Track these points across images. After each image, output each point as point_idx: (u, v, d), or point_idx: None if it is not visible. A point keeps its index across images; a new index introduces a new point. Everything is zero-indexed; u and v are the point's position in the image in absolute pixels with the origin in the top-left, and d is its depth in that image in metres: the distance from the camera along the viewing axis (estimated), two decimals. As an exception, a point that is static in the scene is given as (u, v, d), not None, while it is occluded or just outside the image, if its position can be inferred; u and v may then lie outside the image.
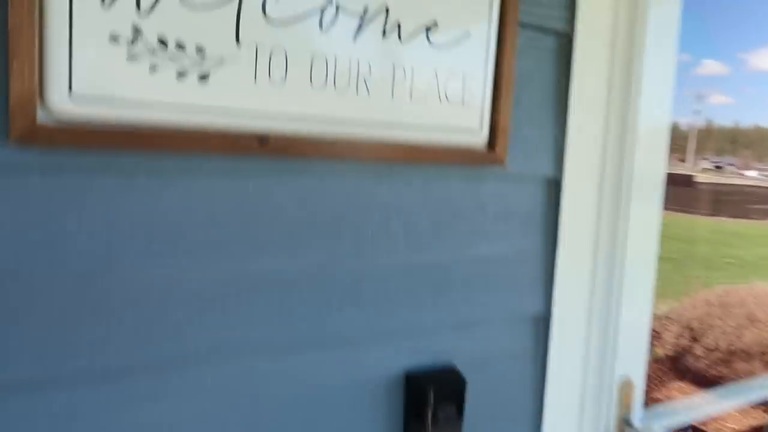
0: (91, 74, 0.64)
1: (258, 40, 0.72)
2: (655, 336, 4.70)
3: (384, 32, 0.80)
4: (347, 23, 0.77)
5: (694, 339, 4.60)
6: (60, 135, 0.64)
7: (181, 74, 0.68)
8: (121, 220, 0.70)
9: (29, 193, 0.65)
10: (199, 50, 0.69)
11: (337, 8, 0.76)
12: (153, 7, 0.66)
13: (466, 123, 0.89)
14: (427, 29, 0.83)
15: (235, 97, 0.72)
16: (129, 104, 0.66)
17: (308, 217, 0.82)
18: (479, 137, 0.91)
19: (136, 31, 0.65)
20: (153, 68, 0.67)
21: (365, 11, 0.78)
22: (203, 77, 0.70)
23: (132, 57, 0.66)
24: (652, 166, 1.10)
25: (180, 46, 0.68)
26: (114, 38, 0.64)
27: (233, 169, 0.75)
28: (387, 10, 0.80)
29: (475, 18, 0.87)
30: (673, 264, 8.54)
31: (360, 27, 0.78)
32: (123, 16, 0.65)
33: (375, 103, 0.81)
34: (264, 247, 0.79)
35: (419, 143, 0.86)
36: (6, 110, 0.61)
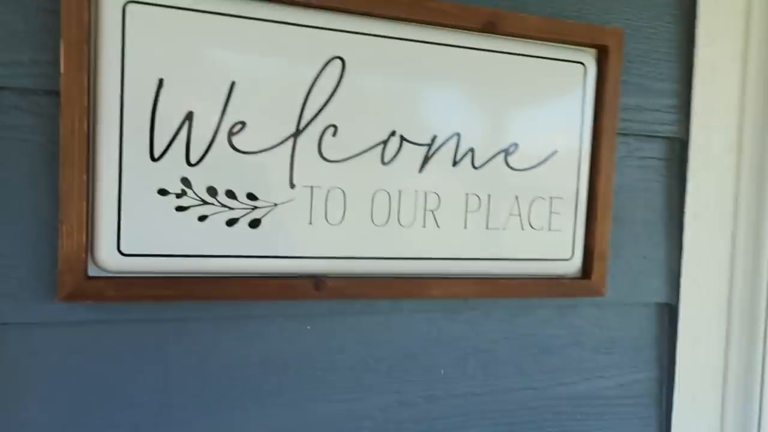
0: (139, 229, 0.62)
1: (314, 181, 0.68)
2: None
3: (455, 160, 0.73)
4: (412, 154, 0.71)
5: None
6: (109, 290, 0.62)
7: (230, 222, 0.65)
8: (173, 369, 0.67)
9: (79, 347, 0.64)
10: (251, 197, 0.65)
11: (402, 140, 0.70)
12: (203, 157, 0.64)
13: (554, 251, 0.79)
14: (506, 152, 0.75)
15: (289, 242, 0.68)
16: (177, 255, 0.64)
17: (372, 358, 0.75)
18: (571, 266, 0.80)
19: (185, 183, 0.63)
20: (202, 218, 0.64)
21: (433, 140, 0.72)
22: (254, 223, 0.66)
23: (180, 208, 0.63)
24: (794, 286, 0.92)
25: (230, 195, 0.65)
26: (162, 192, 0.63)
27: (288, 312, 0.71)
28: (458, 137, 0.73)
29: (563, 134, 0.78)
30: None
31: (427, 157, 0.72)
32: (172, 169, 0.63)
33: (445, 237, 0.73)
34: (323, 392, 0.73)
35: (499, 276, 0.77)
36: (55, 270, 0.61)
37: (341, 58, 0.68)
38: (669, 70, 0.85)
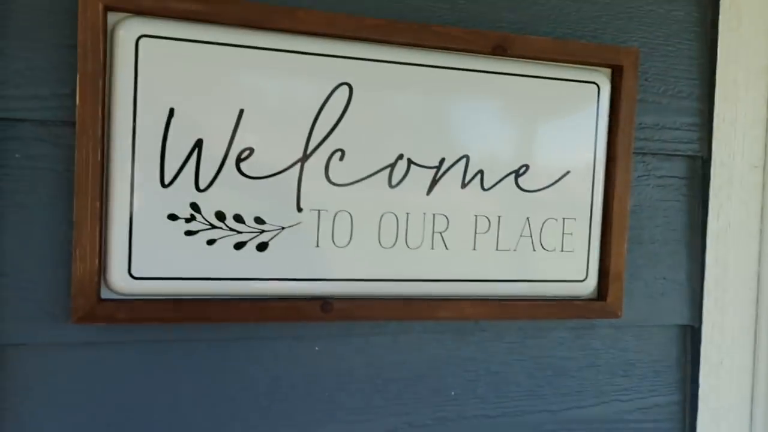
0: (150, 253, 0.65)
1: (321, 205, 0.69)
2: None
3: (464, 182, 0.73)
4: (420, 176, 0.72)
5: None
6: (120, 312, 0.64)
7: (238, 245, 0.67)
8: (183, 390, 0.69)
9: (92, 368, 0.67)
10: (258, 221, 0.67)
11: (409, 163, 0.71)
12: (212, 182, 0.66)
13: (567, 272, 0.78)
14: (517, 173, 0.75)
15: (296, 265, 0.69)
16: (186, 278, 0.66)
17: (381, 379, 0.75)
18: (585, 287, 0.79)
19: (194, 208, 0.65)
20: (210, 242, 0.66)
21: (441, 162, 0.72)
22: (262, 247, 0.67)
23: (189, 233, 0.65)
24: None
25: (238, 219, 0.66)
26: (172, 217, 0.65)
27: (297, 334, 0.72)
28: (467, 159, 0.73)
29: (577, 155, 0.77)
30: None
31: (435, 179, 0.72)
32: (182, 195, 0.65)
33: (454, 259, 0.74)
34: (332, 413, 0.74)
35: (509, 297, 0.76)
36: (68, 293, 0.64)
37: (348, 84, 0.69)
38: (689, 88, 0.83)
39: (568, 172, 0.77)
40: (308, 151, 0.68)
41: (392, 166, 0.71)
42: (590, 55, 0.76)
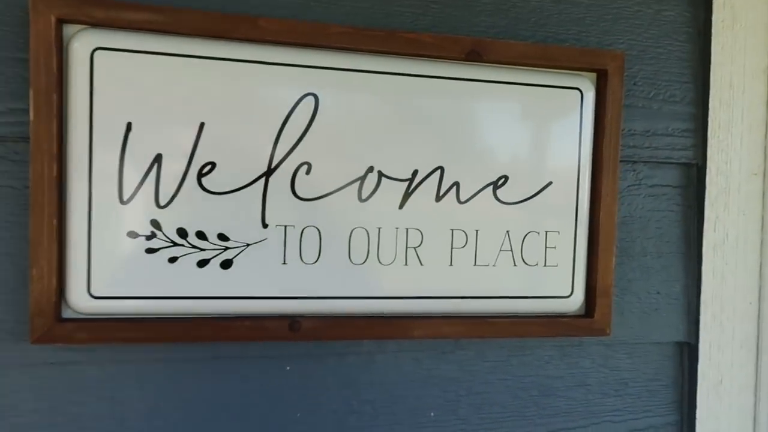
0: (110, 272, 0.63)
1: (287, 220, 0.66)
2: None
3: (438, 195, 0.70)
4: (392, 190, 0.69)
5: None
6: (80, 332, 0.62)
7: (201, 263, 0.65)
8: (146, 410, 0.67)
9: (54, 387, 0.65)
10: (222, 238, 0.65)
11: (380, 175, 0.68)
12: (172, 198, 0.63)
13: (551, 288, 0.74)
14: (495, 185, 0.71)
15: (262, 282, 0.66)
16: (148, 297, 0.64)
17: (356, 400, 0.72)
18: (571, 303, 0.75)
19: (155, 225, 0.63)
20: (172, 260, 0.64)
21: (414, 175, 0.69)
22: (226, 264, 0.65)
23: (150, 250, 0.63)
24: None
25: (201, 236, 0.64)
26: (132, 234, 0.63)
27: (266, 353, 0.69)
28: (442, 171, 0.70)
29: (559, 164, 0.73)
30: None
31: (408, 192, 0.69)
32: (141, 212, 0.63)
33: (430, 275, 0.70)
34: (305, 435, 0.71)
35: (490, 315, 0.73)
36: (26, 314, 0.62)
37: (314, 95, 0.66)
38: (681, 92, 0.79)
39: (550, 183, 0.73)
40: (273, 165, 0.66)
41: (362, 179, 0.68)
42: (572, 60, 0.72)
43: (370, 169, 0.68)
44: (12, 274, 0.63)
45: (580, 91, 0.73)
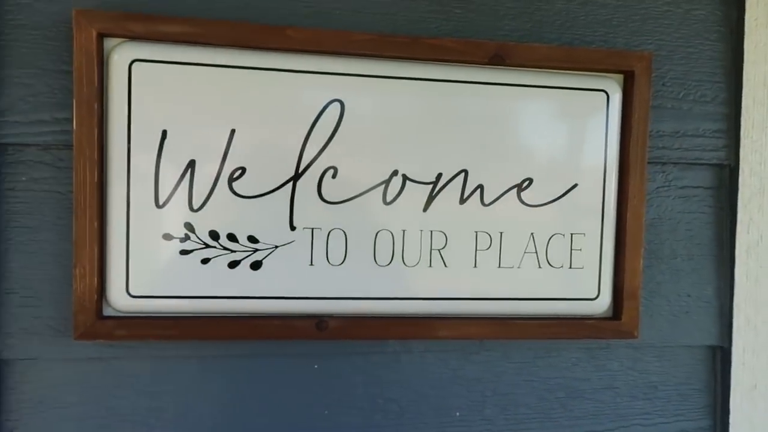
0: (147, 272, 0.66)
1: (314, 223, 0.68)
2: None
3: (462, 197, 0.71)
4: (416, 193, 0.70)
5: None
6: (119, 330, 0.66)
7: (232, 264, 0.67)
8: (183, 404, 0.70)
9: (96, 381, 0.69)
10: (252, 240, 0.67)
11: (404, 179, 0.70)
12: (205, 202, 0.66)
13: (577, 290, 0.74)
14: (519, 188, 0.72)
15: (290, 283, 0.69)
16: (182, 297, 0.67)
17: (382, 398, 0.74)
18: (598, 305, 0.75)
19: (189, 228, 0.66)
20: (205, 261, 0.67)
21: (438, 178, 0.70)
22: (255, 265, 0.68)
23: (184, 252, 0.66)
24: None
25: (232, 238, 0.67)
26: (167, 236, 0.66)
27: (294, 351, 0.72)
28: (466, 174, 0.71)
29: (585, 166, 0.73)
30: None
31: (432, 195, 0.70)
32: (176, 215, 0.66)
33: (454, 276, 0.72)
34: (331, 431, 0.73)
35: (514, 316, 0.73)
36: (70, 312, 0.66)
37: (340, 101, 0.68)
38: (713, 92, 0.78)
39: (575, 185, 0.73)
40: (300, 169, 0.68)
41: (386, 182, 0.69)
42: (598, 62, 0.72)
43: (395, 173, 0.70)
44: (58, 274, 0.67)
45: (607, 93, 0.73)
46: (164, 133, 0.65)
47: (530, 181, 0.72)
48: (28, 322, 0.67)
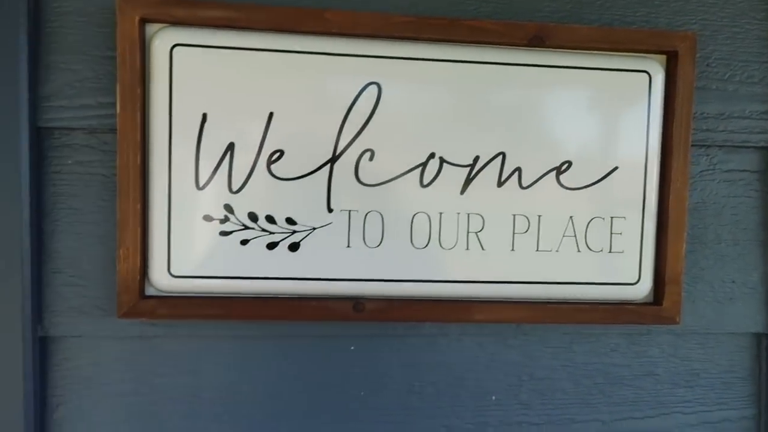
0: (187, 253, 0.67)
1: (351, 205, 0.69)
2: None
3: (500, 180, 0.70)
4: (453, 175, 0.70)
5: None
6: (161, 309, 0.68)
7: (271, 245, 0.68)
8: (221, 382, 0.72)
9: (140, 358, 0.71)
10: (290, 221, 0.68)
11: (441, 161, 0.69)
12: (244, 184, 0.67)
13: (617, 275, 0.73)
14: (558, 170, 0.71)
15: (328, 264, 0.69)
16: (221, 277, 0.68)
17: (418, 381, 0.74)
18: (638, 290, 0.74)
19: (228, 209, 0.67)
20: (244, 242, 0.68)
21: (475, 161, 0.70)
22: (293, 247, 0.68)
23: (224, 233, 0.68)
24: None
25: (270, 220, 0.68)
26: (207, 218, 0.67)
27: (329, 334, 0.73)
28: (503, 157, 0.70)
29: (626, 149, 0.72)
30: None
31: (469, 178, 0.70)
32: (216, 197, 0.67)
33: (491, 260, 0.71)
34: (367, 413, 0.74)
35: (552, 300, 0.73)
36: (114, 292, 0.68)
37: (377, 84, 0.68)
38: (760, 72, 0.76)
39: (616, 168, 0.72)
40: (338, 152, 0.68)
41: (423, 165, 0.69)
42: (639, 42, 0.71)
43: (432, 156, 0.69)
44: (102, 255, 0.69)
45: (649, 74, 0.72)
46: (204, 117, 0.66)
47: (569, 163, 0.71)
48: (73, 301, 0.69)
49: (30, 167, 0.67)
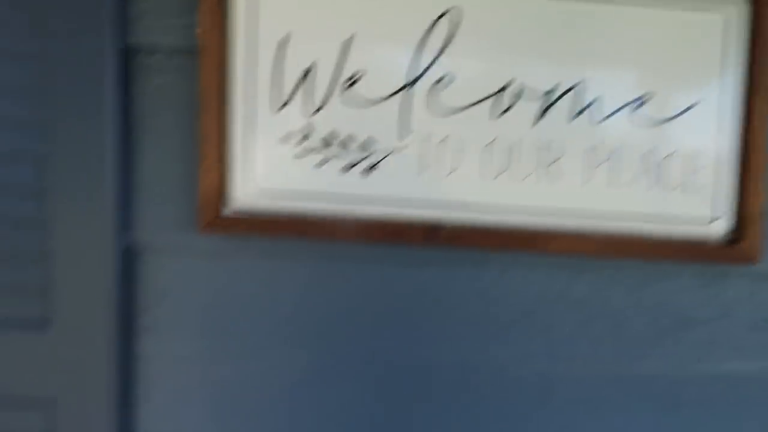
0: (265, 172, 0.69)
1: (427, 131, 0.69)
2: None
3: (576, 112, 0.70)
4: (529, 105, 0.69)
5: None
6: (239, 225, 0.69)
7: (346, 168, 0.69)
8: (294, 300, 0.73)
9: (211, 274, 0.73)
10: (366, 144, 0.69)
11: (520, 88, 0.69)
12: (322, 106, 0.68)
13: (692, 212, 0.72)
14: (636, 104, 0.70)
15: (402, 189, 0.70)
16: (298, 196, 0.69)
17: (489, 311, 0.74)
18: (715, 228, 0.72)
19: (306, 131, 0.68)
20: (320, 163, 0.69)
21: (553, 89, 0.69)
22: (369, 170, 0.69)
23: (301, 154, 0.68)
24: None
25: (346, 141, 0.69)
26: (286, 138, 0.68)
27: (401, 259, 0.73)
28: (582, 86, 0.70)
29: (703, 87, 0.71)
30: None
31: (545, 108, 0.70)
32: (294, 117, 0.68)
33: (563, 191, 0.71)
34: (435, 341, 0.74)
35: (625, 235, 0.72)
36: (195, 205, 0.70)
37: (458, 7, 0.68)
38: None
39: (695, 104, 0.71)
40: (416, 76, 0.69)
41: (501, 92, 0.69)
42: (724, -26, 0.70)
43: (510, 82, 0.69)
44: (184, 173, 0.71)
45: (730, 13, 0.70)
46: (286, 37, 0.67)
47: (647, 97, 0.70)
48: (157, 216, 0.71)
49: (116, 85, 0.69)
